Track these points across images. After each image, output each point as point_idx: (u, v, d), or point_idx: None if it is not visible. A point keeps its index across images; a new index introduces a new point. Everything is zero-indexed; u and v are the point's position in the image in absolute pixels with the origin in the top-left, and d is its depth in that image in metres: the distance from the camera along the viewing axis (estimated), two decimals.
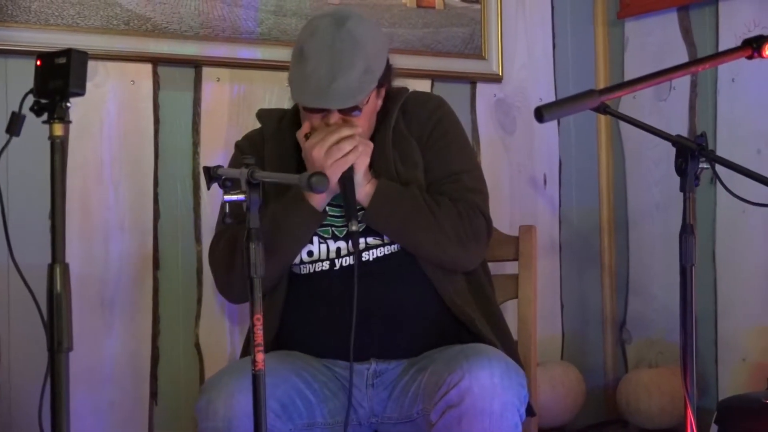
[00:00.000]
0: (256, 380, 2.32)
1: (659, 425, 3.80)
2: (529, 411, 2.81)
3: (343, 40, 2.78)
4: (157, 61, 3.45)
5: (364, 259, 2.87)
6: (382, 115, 2.95)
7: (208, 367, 3.50)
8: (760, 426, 3.07)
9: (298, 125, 2.90)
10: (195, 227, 3.51)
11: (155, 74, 3.46)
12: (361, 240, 2.85)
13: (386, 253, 2.90)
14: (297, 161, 2.90)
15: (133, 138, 3.43)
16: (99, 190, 3.36)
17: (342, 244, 2.89)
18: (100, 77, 3.35)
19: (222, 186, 2.39)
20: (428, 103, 3.03)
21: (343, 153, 2.72)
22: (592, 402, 4.07)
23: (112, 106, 3.39)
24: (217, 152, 3.50)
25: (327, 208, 2.86)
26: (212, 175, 2.42)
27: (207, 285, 3.50)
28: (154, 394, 3.44)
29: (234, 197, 2.37)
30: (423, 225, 2.82)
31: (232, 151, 3.10)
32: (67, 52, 2.17)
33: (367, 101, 2.84)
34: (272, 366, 2.65)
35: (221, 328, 3.54)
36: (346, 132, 2.75)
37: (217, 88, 3.56)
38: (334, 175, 2.73)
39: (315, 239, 2.89)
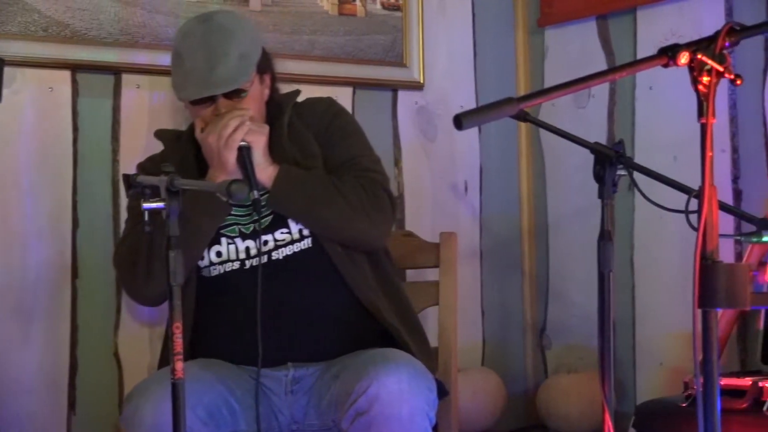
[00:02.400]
0: (176, 389, 2.32)
1: (578, 430, 3.83)
2: (442, 392, 2.83)
3: (213, 32, 2.86)
4: (76, 68, 3.42)
5: (273, 258, 2.88)
6: (276, 113, 2.98)
7: (127, 376, 3.47)
8: (677, 429, 3.11)
9: (195, 141, 2.93)
10: (114, 235, 3.46)
11: (74, 81, 3.43)
12: (270, 236, 2.87)
13: (296, 250, 2.90)
14: (198, 172, 2.92)
15: (51, 145, 3.40)
16: (16, 197, 3.33)
17: (250, 243, 2.89)
18: (18, 84, 3.31)
19: (141, 194, 2.38)
20: (321, 103, 3.10)
21: (231, 129, 2.77)
22: (513, 407, 4.09)
23: (30, 113, 3.35)
24: (136, 160, 3.43)
25: (233, 208, 2.88)
26: (132, 182, 2.41)
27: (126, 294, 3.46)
28: (72, 404, 3.40)
29: (153, 205, 2.36)
30: (328, 201, 2.84)
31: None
32: None
33: (251, 85, 2.89)
34: (198, 373, 2.68)
35: (141, 337, 3.51)
36: (235, 113, 2.80)
37: (137, 95, 3.53)
38: (231, 154, 2.77)
39: (223, 240, 2.90)
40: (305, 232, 2.90)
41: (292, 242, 2.89)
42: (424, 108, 4.07)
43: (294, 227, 2.90)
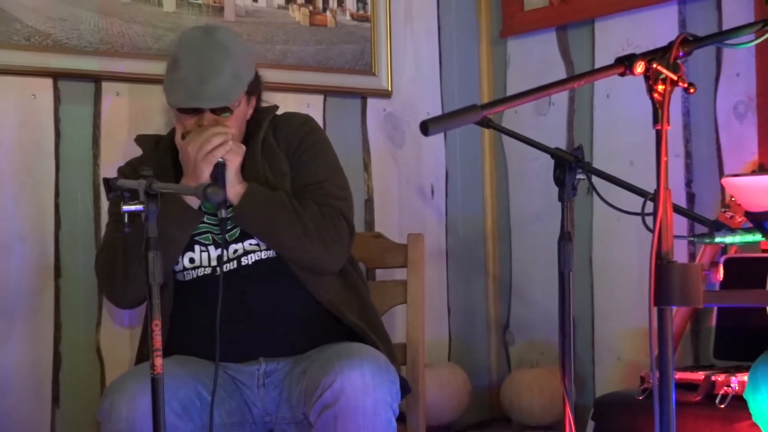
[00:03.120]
0: (155, 384, 2.32)
1: (540, 422, 3.84)
2: (405, 390, 2.85)
3: (212, 47, 2.86)
4: (57, 76, 3.40)
5: (243, 263, 2.90)
6: (254, 128, 2.99)
7: (108, 371, 3.46)
8: (634, 421, 3.12)
9: (174, 147, 2.94)
10: (95, 237, 3.45)
11: (56, 88, 3.41)
12: (239, 245, 2.89)
13: (263, 257, 2.92)
14: (174, 173, 2.93)
15: (34, 151, 3.38)
16: (0, 200, 3.31)
17: (223, 250, 2.90)
18: (1, 91, 3.30)
19: (121, 197, 2.38)
20: (295, 120, 3.09)
21: (213, 146, 2.76)
22: (478, 401, 4.10)
23: (13, 119, 3.33)
24: (116, 164, 3.43)
25: (206, 217, 2.89)
26: (112, 186, 2.41)
27: None
28: (56, 399, 3.39)
29: (132, 207, 2.36)
30: (288, 225, 2.85)
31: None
32: None
33: (238, 105, 2.89)
34: (172, 369, 2.68)
35: (121, 334, 3.50)
36: (217, 130, 2.79)
37: (116, 101, 3.52)
38: (207, 168, 2.77)
39: (196, 247, 2.91)
40: None
41: (260, 250, 2.91)
42: (392, 115, 4.07)
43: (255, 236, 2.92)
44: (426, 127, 1.97)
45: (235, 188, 2.82)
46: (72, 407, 3.41)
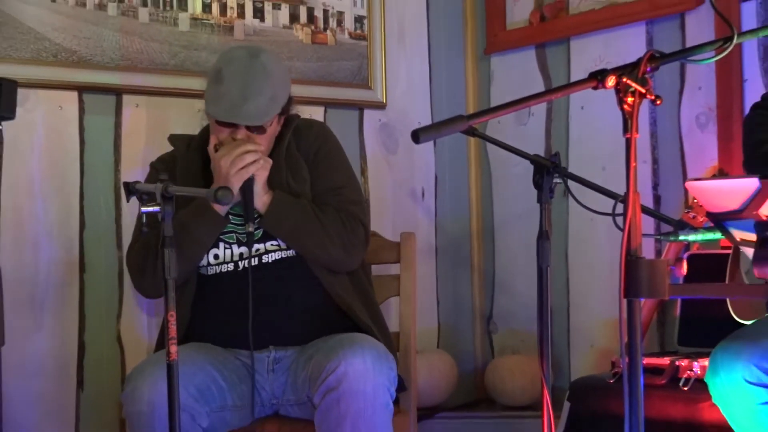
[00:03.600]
0: (170, 369, 2.35)
1: (521, 403, 3.84)
2: (401, 387, 2.86)
3: (256, 70, 2.83)
4: (82, 89, 3.41)
5: (264, 261, 2.89)
6: (278, 137, 2.97)
7: (128, 358, 3.46)
8: (605, 402, 3.11)
9: (205, 148, 2.93)
10: (116, 235, 3.46)
11: (81, 101, 3.42)
12: (261, 245, 2.88)
13: (283, 256, 2.92)
14: (203, 177, 2.92)
15: (60, 157, 3.38)
16: (30, 203, 3.31)
17: (244, 249, 2.90)
18: (31, 103, 3.30)
19: (139, 199, 2.39)
20: (313, 129, 3.07)
21: (246, 163, 2.76)
22: (464, 384, 4.10)
23: (42, 129, 3.34)
24: (135, 169, 3.47)
25: (231, 217, 2.88)
26: (131, 189, 2.42)
27: (127, 286, 3.46)
28: (80, 383, 3.39)
29: (150, 209, 2.38)
30: (311, 231, 2.86)
31: (149, 168, 3.07)
32: None
33: (270, 124, 2.88)
34: (190, 357, 2.70)
35: (140, 324, 3.50)
36: (250, 147, 2.78)
37: (135, 113, 3.52)
38: (237, 182, 2.76)
39: (221, 244, 2.91)
40: None
41: (281, 249, 2.91)
42: (387, 124, 4.07)
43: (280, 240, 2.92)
44: (417, 136, 1.97)
45: (261, 198, 2.82)
46: (95, 390, 3.41)
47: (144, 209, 2.39)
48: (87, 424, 3.40)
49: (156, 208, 2.37)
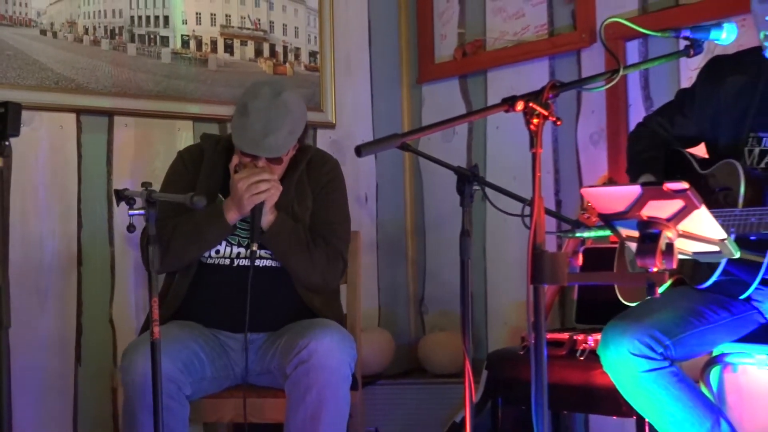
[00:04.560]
0: (153, 346, 2.34)
1: (447, 371, 3.84)
2: (354, 386, 2.85)
3: (278, 107, 2.77)
4: (79, 112, 3.38)
5: (256, 264, 2.86)
6: (294, 163, 2.94)
7: (119, 337, 3.43)
8: (516, 370, 3.13)
9: (230, 150, 2.89)
10: (109, 234, 3.43)
11: (78, 121, 3.38)
12: (258, 252, 2.85)
13: (272, 264, 2.90)
14: (223, 178, 2.88)
15: (61, 168, 3.35)
16: (35, 207, 3.27)
17: (242, 250, 2.89)
18: (36, 123, 3.26)
19: (128, 203, 2.37)
20: (326, 165, 3.03)
21: (260, 191, 2.73)
22: (400, 356, 4.09)
23: (45, 144, 3.30)
24: (125, 179, 3.44)
25: (237, 223, 2.85)
26: (121, 196, 2.40)
27: (118, 276, 3.44)
28: (78, 358, 3.35)
29: (137, 212, 2.36)
30: (299, 256, 2.85)
31: (137, 179, 3.09)
32: (5, 104, 2.09)
33: (287, 154, 2.85)
34: (178, 336, 2.72)
35: (129, 309, 3.47)
36: (265, 176, 2.75)
37: (125, 131, 3.48)
38: (249, 205, 2.75)
39: (224, 243, 2.89)
40: None
41: (271, 259, 2.89)
42: (336, 141, 4.06)
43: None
44: (360, 150, 1.96)
45: (267, 217, 2.79)
46: (90, 365, 3.38)
47: (131, 212, 2.36)
48: (84, 393, 3.36)
49: (141, 212, 2.35)
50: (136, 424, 2.59)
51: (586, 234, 2.42)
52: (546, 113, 1.84)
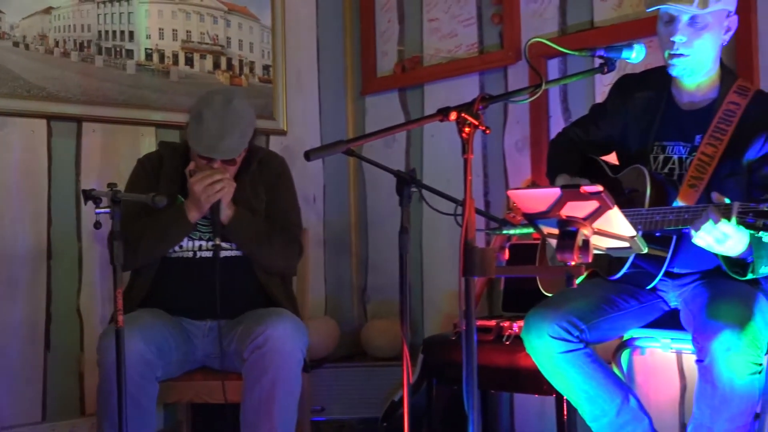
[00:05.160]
0: (118, 333, 2.31)
1: (387, 355, 3.84)
2: (307, 368, 2.85)
3: (230, 113, 2.77)
4: (50, 118, 3.31)
5: (218, 254, 2.83)
6: (246, 163, 2.93)
7: (86, 325, 3.37)
8: (450, 354, 3.14)
9: (187, 155, 2.88)
10: (77, 230, 3.37)
11: (49, 126, 3.31)
12: (221, 243, 2.83)
13: (233, 255, 2.88)
14: (182, 182, 2.86)
15: (33, 170, 3.28)
16: (8, 205, 3.21)
17: (203, 243, 2.87)
18: (9, 128, 3.20)
19: (94, 203, 2.34)
20: (276, 162, 3.05)
21: (216, 191, 2.72)
22: (344, 341, 4.08)
23: (18, 148, 3.23)
24: (92, 180, 3.38)
25: (202, 218, 2.83)
26: (88, 195, 2.37)
27: (85, 269, 3.38)
28: (47, 345, 3.29)
29: (102, 210, 2.33)
30: (261, 243, 2.85)
31: (103, 180, 3.04)
32: None
33: (240, 156, 2.85)
34: (152, 322, 2.70)
35: (95, 299, 3.40)
36: (218, 176, 2.74)
37: (92, 136, 3.42)
38: (207, 204, 2.75)
39: (186, 237, 2.86)
40: None
41: (232, 249, 2.87)
42: (287, 147, 4.03)
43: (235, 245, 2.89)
44: (308, 155, 1.96)
45: (225, 212, 2.78)
46: (59, 351, 3.32)
47: (98, 210, 2.34)
48: (52, 377, 3.30)
49: (107, 210, 2.32)
50: (111, 402, 2.55)
51: (511, 231, 2.45)
52: (476, 123, 1.84)
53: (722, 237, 2.10)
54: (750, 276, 2.25)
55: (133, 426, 2.41)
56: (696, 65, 2.46)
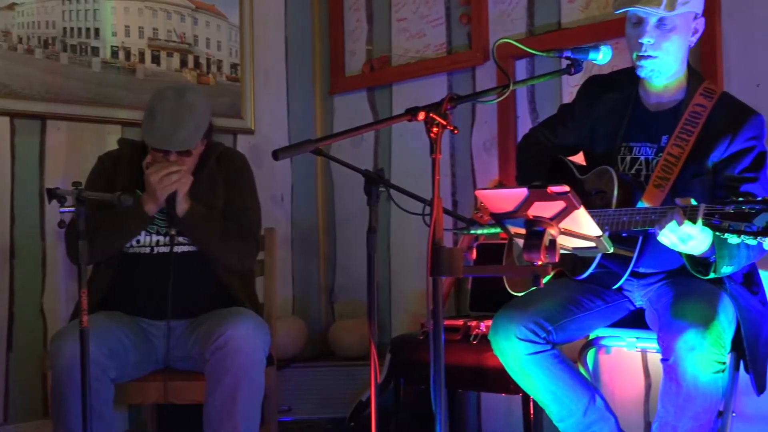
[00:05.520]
0: (82, 333, 2.31)
1: (354, 355, 3.83)
2: (270, 361, 2.84)
3: (182, 105, 2.75)
4: (14, 116, 3.25)
5: (175, 250, 2.82)
6: (204, 160, 2.91)
7: (49, 325, 3.32)
8: (417, 354, 3.14)
9: (146, 151, 2.84)
10: (40, 229, 3.32)
11: (12, 124, 3.26)
12: (177, 238, 2.82)
13: (189, 250, 2.85)
14: (140, 176, 2.81)
15: None
16: None
17: (161, 238, 2.84)
18: None
19: (59, 201, 2.31)
20: (235, 158, 3.03)
21: (171, 182, 2.70)
22: (312, 341, 4.07)
23: None
24: (57, 179, 3.34)
25: (156, 214, 2.81)
26: (52, 194, 2.33)
27: (49, 269, 3.33)
28: (10, 345, 3.24)
29: (67, 209, 2.31)
30: (215, 238, 2.82)
31: (68, 178, 3.00)
32: None
33: (195, 148, 2.82)
34: (103, 323, 2.66)
35: (58, 299, 3.36)
36: (174, 168, 2.72)
37: (57, 134, 3.37)
38: (162, 195, 2.72)
39: (143, 233, 2.83)
40: None
41: (189, 245, 2.84)
42: (255, 146, 4.01)
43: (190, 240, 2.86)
44: (276, 154, 1.94)
45: (181, 206, 2.75)
46: (22, 351, 3.27)
47: (62, 209, 2.31)
48: (15, 378, 3.24)
49: (72, 209, 2.30)
50: (64, 405, 2.54)
51: (479, 231, 2.44)
52: (444, 123, 1.84)
53: (686, 237, 2.12)
54: (712, 275, 2.26)
55: (89, 429, 2.37)
56: (663, 67, 2.47)
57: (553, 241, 1.83)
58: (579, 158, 2.77)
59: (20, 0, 3.28)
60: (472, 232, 2.41)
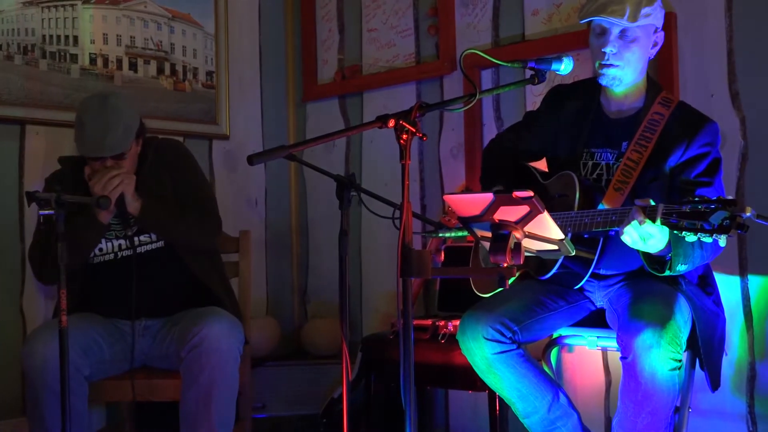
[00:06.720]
0: (62, 334, 2.28)
1: (327, 353, 3.82)
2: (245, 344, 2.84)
3: (107, 111, 2.71)
4: None
5: (139, 251, 2.81)
6: (143, 156, 2.88)
7: (28, 324, 3.28)
8: (387, 353, 3.14)
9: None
10: (20, 232, 3.28)
11: None
12: (137, 239, 2.81)
13: (154, 248, 2.84)
14: (86, 189, 2.77)
15: None
16: None
17: (122, 242, 2.82)
18: None
19: (38, 204, 2.29)
20: (172, 146, 3.00)
21: (114, 186, 2.66)
22: (285, 341, 4.06)
23: None
24: (36, 182, 3.29)
25: (111, 220, 2.78)
26: (31, 197, 2.32)
27: (28, 270, 3.27)
28: None
29: (47, 212, 2.29)
30: (176, 225, 2.80)
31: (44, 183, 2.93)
32: None
33: (130, 148, 2.78)
34: (78, 323, 2.63)
35: (38, 299, 3.32)
36: (114, 172, 2.69)
37: (36, 139, 3.34)
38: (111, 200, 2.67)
39: (104, 240, 2.81)
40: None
41: (152, 242, 2.83)
42: (230, 151, 3.99)
43: (153, 234, 2.84)
44: (251, 160, 1.93)
45: (133, 205, 2.72)
46: (1, 349, 3.22)
47: (42, 212, 2.30)
48: None
49: (51, 212, 2.29)
50: (39, 407, 2.52)
51: (447, 234, 2.46)
52: (414, 130, 1.84)
53: (647, 235, 2.14)
54: (668, 273, 2.29)
55: (67, 428, 2.35)
56: (624, 76, 2.50)
57: (518, 244, 1.84)
58: (542, 165, 2.80)
59: (0, 7, 3.25)
60: (441, 235, 2.42)
